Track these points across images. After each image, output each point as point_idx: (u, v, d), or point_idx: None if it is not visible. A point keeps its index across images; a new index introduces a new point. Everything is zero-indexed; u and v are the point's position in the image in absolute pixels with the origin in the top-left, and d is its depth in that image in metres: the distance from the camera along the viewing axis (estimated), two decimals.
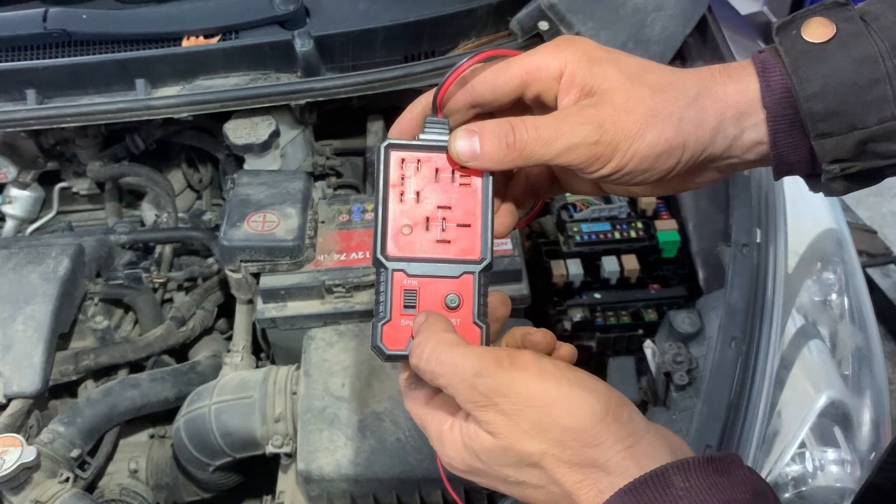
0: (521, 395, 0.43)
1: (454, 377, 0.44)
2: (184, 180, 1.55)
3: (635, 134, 0.47)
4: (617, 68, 0.49)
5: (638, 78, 0.49)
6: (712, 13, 1.38)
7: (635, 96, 0.48)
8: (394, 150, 0.51)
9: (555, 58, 0.50)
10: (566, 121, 0.48)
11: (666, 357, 1.09)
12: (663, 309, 1.23)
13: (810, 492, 0.96)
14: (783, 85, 0.47)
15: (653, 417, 1.07)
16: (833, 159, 0.47)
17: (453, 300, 0.49)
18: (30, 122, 1.22)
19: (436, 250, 0.50)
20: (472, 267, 0.50)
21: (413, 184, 0.50)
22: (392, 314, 0.49)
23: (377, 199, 0.50)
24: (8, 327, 1.10)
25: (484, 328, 0.49)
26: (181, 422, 1.10)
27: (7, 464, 0.95)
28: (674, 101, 0.49)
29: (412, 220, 0.50)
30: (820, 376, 1.04)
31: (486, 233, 0.51)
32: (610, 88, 0.48)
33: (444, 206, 0.50)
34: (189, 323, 1.29)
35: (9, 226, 1.49)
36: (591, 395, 0.43)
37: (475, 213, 0.51)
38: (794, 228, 1.15)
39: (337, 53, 1.27)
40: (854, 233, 1.31)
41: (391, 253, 0.49)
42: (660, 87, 0.49)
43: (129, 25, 1.27)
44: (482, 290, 0.50)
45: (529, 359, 0.44)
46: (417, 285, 0.49)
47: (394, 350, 0.49)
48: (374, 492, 1.00)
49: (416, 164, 0.51)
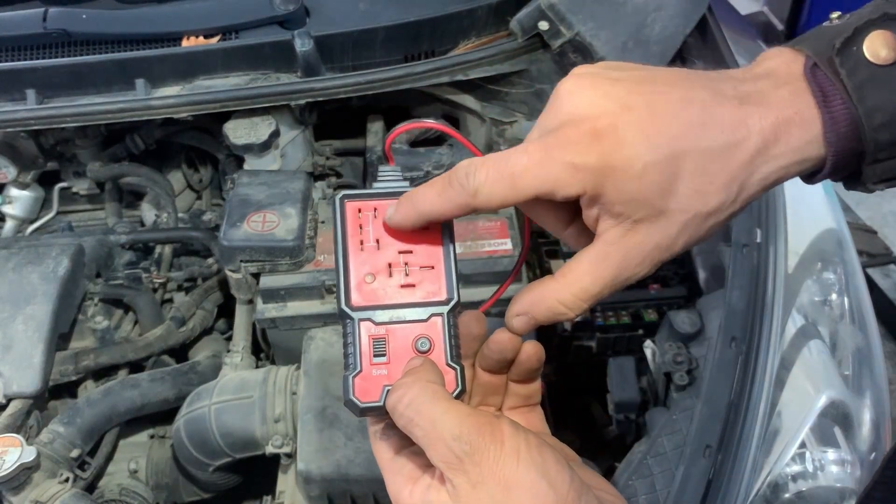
0: (490, 469, 0.42)
1: (432, 432, 0.43)
2: (184, 180, 1.55)
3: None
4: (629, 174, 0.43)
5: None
6: (712, 13, 1.38)
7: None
8: (349, 200, 0.50)
9: (572, 182, 0.43)
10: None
11: (666, 357, 1.09)
12: (663, 309, 1.23)
13: (810, 492, 0.96)
14: (847, 116, 0.43)
15: (653, 417, 1.07)
16: (880, 180, 0.45)
17: (423, 343, 0.48)
18: (30, 122, 1.22)
19: (401, 295, 0.49)
20: (440, 308, 0.49)
21: (372, 231, 0.50)
22: (362, 365, 0.48)
23: (337, 251, 0.49)
24: (8, 327, 1.10)
25: (458, 370, 0.48)
26: (181, 422, 1.10)
27: (7, 464, 0.95)
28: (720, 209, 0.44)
29: (374, 267, 0.49)
30: (820, 376, 1.04)
31: (449, 272, 0.50)
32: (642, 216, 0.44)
33: (405, 251, 0.50)
34: (189, 323, 1.29)
35: (9, 226, 1.49)
36: (549, 486, 0.42)
37: (437, 254, 0.50)
38: (794, 228, 1.15)
39: (337, 53, 1.27)
40: (854, 233, 1.31)
41: (356, 303, 0.48)
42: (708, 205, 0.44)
43: (129, 25, 1.27)
44: (452, 330, 0.49)
45: (507, 433, 0.43)
46: (385, 332, 0.48)
47: (367, 402, 0.47)
48: (374, 492, 1.00)
49: (373, 212, 0.50)
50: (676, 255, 0.46)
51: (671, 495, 0.92)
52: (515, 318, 0.49)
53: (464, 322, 0.52)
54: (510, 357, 0.51)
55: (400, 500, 0.47)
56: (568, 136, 0.43)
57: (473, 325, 0.52)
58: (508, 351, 0.51)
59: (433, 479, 0.45)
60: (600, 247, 0.45)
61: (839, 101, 0.43)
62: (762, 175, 0.44)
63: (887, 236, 2.68)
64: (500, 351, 0.50)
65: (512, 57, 1.27)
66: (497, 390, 0.54)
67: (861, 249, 2.46)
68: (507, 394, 0.54)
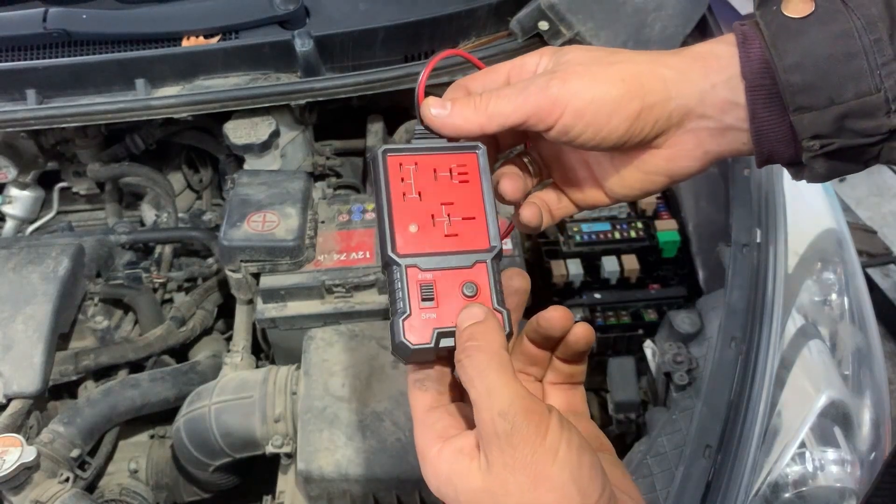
0: (524, 458, 0.42)
1: (485, 399, 0.43)
2: (184, 180, 1.55)
3: (588, 76, 0.49)
4: (580, 48, 0.53)
5: (599, 49, 0.52)
6: (712, 13, 1.38)
7: (592, 55, 0.51)
8: (391, 154, 0.51)
9: (533, 55, 0.54)
10: (524, 80, 0.52)
11: (666, 357, 1.09)
12: (663, 309, 1.23)
13: (810, 492, 0.96)
14: (761, 56, 0.48)
15: (653, 417, 1.07)
16: (812, 135, 0.47)
17: (470, 288, 0.49)
18: (30, 122, 1.22)
19: (445, 244, 0.50)
20: (484, 255, 0.50)
21: (414, 184, 0.51)
22: (412, 308, 0.48)
23: (380, 202, 0.50)
24: (8, 327, 1.10)
25: (505, 313, 0.49)
26: (181, 422, 1.10)
27: (7, 464, 0.95)
28: (632, 55, 0.51)
29: (417, 218, 0.50)
30: (820, 376, 1.04)
31: (491, 221, 0.51)
32: (569, 57, 0.52)
33: (447, 202, 0.51)
34: (189, 323, 1.29)
35: (9, 226, 1.49)
36: (579, 494, 0.42)
37: (478, 205, 0.51)
38: (794, 228, 1.15)
39: (337, 53, 1.27)
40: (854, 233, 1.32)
41: (401, 250, 0.49)
42: (619, 50, 0.52)
43: (129, 25, 1.27)
44: (496, 276, 0.50)
45: (552, 428, 0.43)
46: (433, 278, 0.49)
47: (419, 344, 0.48)
48: (374, 492, 1.00)
49: (414, 166, 0.51)
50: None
51: (671, 495, 0.92)
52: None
53: (506, 276, 0.53)
54: (558, 336, 0.52)
55: (427, 456, 0.47)
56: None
57: (515, 278, 0.54)
58: (557, 330, 0.51)
59: (465, 444, 0.45)
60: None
61: (756, 44, 0.48)
62: (670, 57, 0.51)
63: (887, 236, 2.68)
64: (548, 328, 0.51)
65: (512, 57, 1.27)
66: (539, 362, 0.54)
67: (861, 249, 2.46)
68: (551, 368, 0.55)
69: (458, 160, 0.52)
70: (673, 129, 0.51)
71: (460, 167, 0.52)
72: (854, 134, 0.47)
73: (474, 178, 0.52)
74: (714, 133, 0.51)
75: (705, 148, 0.52)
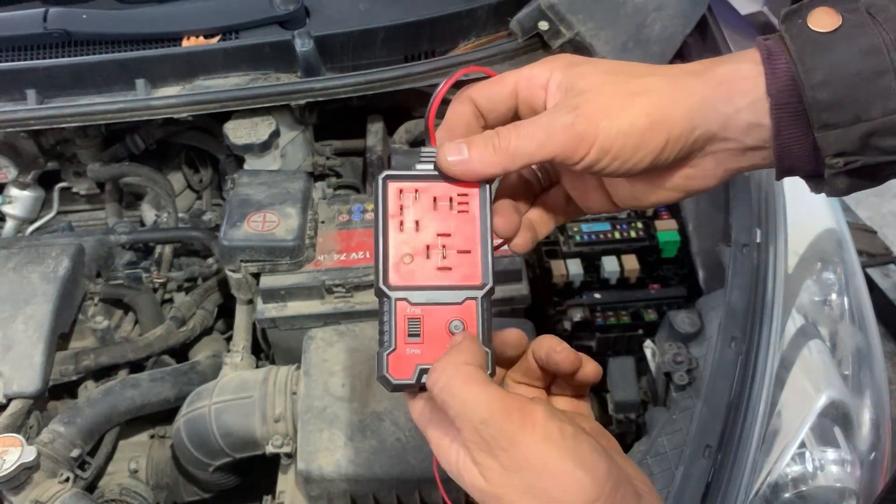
0: (521, 454, 0.42)
1: (462, 415, 0.44)
2: (184, 180, 1.55)
3: (614, 110, 0.48)
4: (595, 67, 0.51)
5: (616, 70, 0.50)
6: (712, 13, 1.38)
7: (612, 81, 0.49)
8: (392, 180, 0.51)
9: (542, 68, 0.52)
10: (545, 115, 0.49)
11: (666, 357, 1.09)
12: (663, 309, 1.22)
13: (810, 492, 0.96)
14: (787, 72, 0.47)
15: (653, 417, 1.07)
16: (837, 152, 0.47)
17: (457, 326, 0.50)
18: (30, 122, 1.22)
19: (437, 278, 0.50)
20: (475, 292, 0.50)
21: (412, 213, 0.51)
22: (397, 343, 0.49)
23: (377, 230, 0.50)
24: (8, 327, 1.10)
25: (488, 354, 0.49)
26: (181, 422, 1.10)
27: (7, 464, 0.95)
28: (655, 82, 0.49)
29: (412, 248, 0.50)
30: (820, 376, 1.04)
31: (486, 258, 0.51)
32: (588, 83, 0.49)
33: (444, 233, 0.51)
34: (189, 323, 1.29)
35: (9, 226, 1.49)
36: (587, 474, 0.42)
37: (475, 238, 0.51)
38: (794, 228, 1.15)
39: (337, 53, 1.27)
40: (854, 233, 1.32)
41: (393, 282, 0.50)
42: (640, 73, 0.50)
43: (129, 25, 1.27)
44: (485, 314, 0.50)
45: (539, 417, 0.43)
46: (421, 313, 0.50)
47: (400, 379, 0.49)
48: (374, 492, 1.00)
49: (415, 193, 0.51)
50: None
51: (671, 495, 0.92)
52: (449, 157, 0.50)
53: (501, 340, 0.53)
54: (567, 371, 0.52)
55: (440, 448, 0.48)
56: None
57: (511, 335, 0.54)
58: (566, 367, 0.51)
59: (462, 451, 0.46)
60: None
61: (782, 60, 0.47)
62: (694, 81, 0.49)
63: (887, 236, 2.68)
64: (555, 365, 0.52)
65: (512, 57, 1.27)
66: (545, 377, 0.55)
67: (861, 249, 2.46)
68: (555, 384, 0.55)
69: (461, 190, 0.51)
70: (695, 153, 0.51)
71: (461, 197, 0.51)
72: (879, 151, 0.46)
73: (474, 210, 0.51)
74: (735, 153, 0.51)
75: (725, 167, 0.52)
